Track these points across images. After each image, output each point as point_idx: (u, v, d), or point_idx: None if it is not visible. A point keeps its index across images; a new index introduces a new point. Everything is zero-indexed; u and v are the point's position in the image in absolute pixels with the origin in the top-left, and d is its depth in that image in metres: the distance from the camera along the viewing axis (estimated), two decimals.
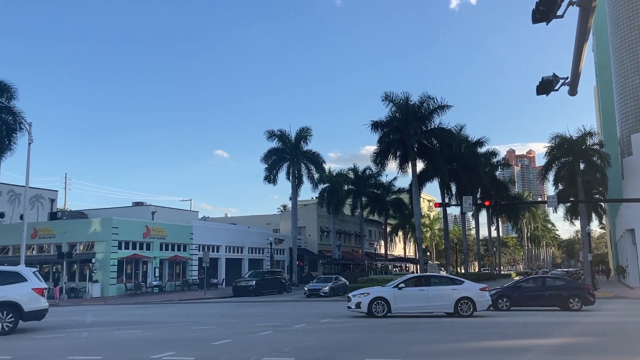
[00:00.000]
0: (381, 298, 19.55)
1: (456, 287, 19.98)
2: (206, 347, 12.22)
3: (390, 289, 19.99)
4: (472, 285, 20.78)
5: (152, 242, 45.19)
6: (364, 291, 20.45)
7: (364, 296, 19.84)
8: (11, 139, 39.16)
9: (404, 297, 19.60)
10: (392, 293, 19.69)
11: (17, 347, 12.84)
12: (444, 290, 19.86)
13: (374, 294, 19.87)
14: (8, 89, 39.52)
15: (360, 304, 19.68)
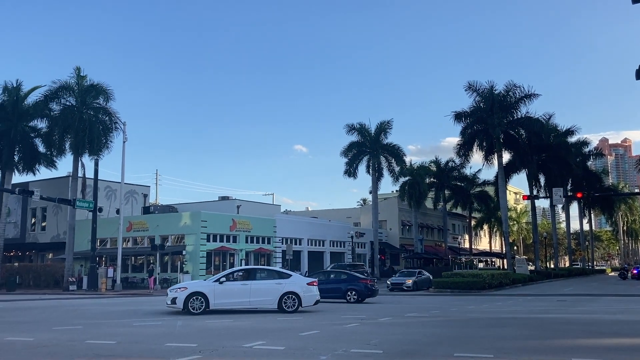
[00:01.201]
0: (199, 293, 18.22)
1: (282, 281, 19.00)
2: (294, 337, 12.46)
3: (210, 283, 18.86)
4: (299, 279, 19.89)
5: (238, 234, 46.65)
6: (181, 285, 19.11)
7: (181, 291, 18.38)
8: (108, 138, 41.62)
9: (225, 292, 18.40)
10: (212, 288, 18.44)
11: (118, 333, 13.67)
12: (269, 285, 18.85)
13: (192, 288, 18.52)
14: (104, 91, 42.02)
15: (175, 299, 18.19)
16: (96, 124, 40.48)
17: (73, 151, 41.05)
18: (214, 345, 11.36)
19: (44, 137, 43.31)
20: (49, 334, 13.53)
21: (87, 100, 41.28)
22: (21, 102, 42.53)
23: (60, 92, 41.25)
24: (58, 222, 49.82)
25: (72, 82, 41.40)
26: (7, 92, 42.36)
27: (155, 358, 9.92)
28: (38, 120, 43.15)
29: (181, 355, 10.09)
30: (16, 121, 41.49)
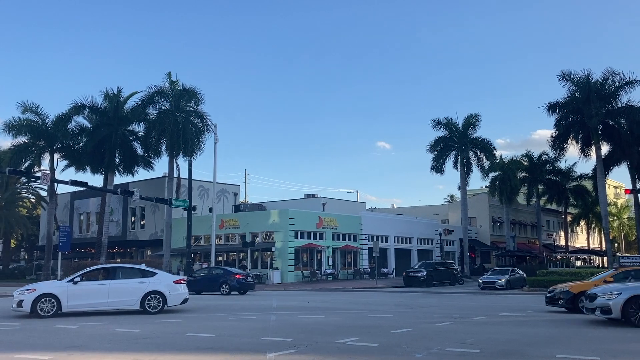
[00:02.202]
0: (49, 295, 16.61)
1: (145, 280, 17.68)
2: (387, 335, 12.38)
3: (64, 283, 17.26)
4: (165, 277, 18.49)
5: (324, 232, 47.10)
6: (29, 287, 17.17)
7: (28, 293, 16.58)
8: (200, 140, 43.34)
9: (80, 293, 16.87)
10: (65, 288, 16.85)
11: (216, 326, 14.19)
12: (130, 284, 17.50)
13: (41, 289, 16.84)
14: (195, 95, 43.79)
15: (22, 302, 16.48)
16: (189, 126, 42.25)
17: (168, 153, 43.12)
18: (308, 340, 11.52)
19: (142, 140, 45.80)
20: (153, 326, 14.28)
21: (180, 104, 43.19)
22: (121, 107, 45.25)
23: (155, 97, 43.44)
24: (156, 220, 52.58)
25: (166, 87, 43.46)
26: (108, 98, 45.20)
27: (253, 352, 10.19)
28: (136, 124, 45.72)
29: (277, 349, 10.31)
30: (117, 126, 44.18)
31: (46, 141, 45.53)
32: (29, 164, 46.36)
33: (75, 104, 44.66)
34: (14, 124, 44.92)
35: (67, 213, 59.64)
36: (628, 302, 13.50)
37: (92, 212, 57.68)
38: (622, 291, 13.84)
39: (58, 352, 10.19)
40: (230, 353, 10.08)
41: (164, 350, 10.44)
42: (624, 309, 13.51)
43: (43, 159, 46.86)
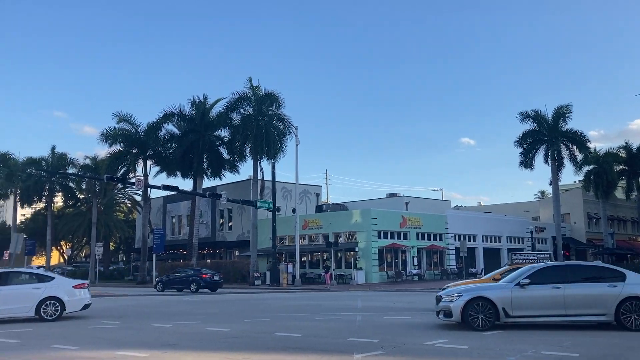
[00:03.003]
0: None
1: (41, 285, 16.32)
2: (477, 337, 11.92)
3: None
4: (64, 282, 16.95)
5: (408, 231, 46.44)
6: None
7: None
8: (282, 142, 44.12)
9: None
10: None
11: (303, 326, 14.27)
12: (24, 290, 16.18)
13: None
14: (276, 99, 44.64)
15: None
16: (271, 129, 43.10)
17: (252, 156, 44.22)
18: (395, 341, 11.32)
19: (227, 145, 47.29)
20: (242, 325, 14.60)
21: (262, 108, 44.15)
22: (207, 114, 46.97)
23: (239, 103, 44.69)
24: (242, 221, 54.03)
25: (248, 93, 44.60)
26: (195, 106, 47.06)
27: (340, 352, 10.13)
28: (221, 129, 47.30)
29: (364, 350, 10.19)
30: (203, 132, 45.86)
31: (139, 149, 48.13)
32: (124, 170, 49.23)
33: (165, 112, 46.98)
34: (110, 134, 47.89)
35: (160, 216, 62.61)
36: (468, 305, 12.60)
37: (183, 215, 60.18)
38: (463, 293, 13.02)
39: (154, 350, 10.61)
40: (317, 353, 10.07)
41: (253, 349, 10.61)
42: (463, 312, 12.61)
43: (137, 165, 49.64)
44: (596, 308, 12.32)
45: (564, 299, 12.29)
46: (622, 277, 12.60)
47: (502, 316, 12.46)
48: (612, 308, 12.21)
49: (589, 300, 12.32)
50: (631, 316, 12.17)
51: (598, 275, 12.94)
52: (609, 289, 12.33)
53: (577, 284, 12.54)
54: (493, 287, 13.31)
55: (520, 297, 12.46)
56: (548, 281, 12.66)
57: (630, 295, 12.24)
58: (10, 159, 59.70)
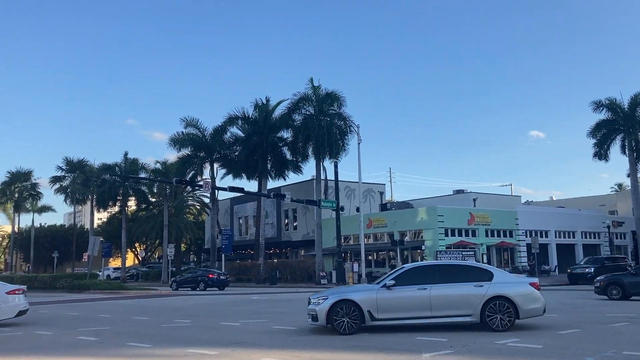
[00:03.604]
0: None
1: None
2: (552, 336, 11.43)
3: None
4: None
5: (476, 228, 45.30)
6: None
7: None
8: (344, 141, 44.07)
9: None
10: None
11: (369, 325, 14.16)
12: None
13: None
14: (337, 98, 44.63)
15: None
16: (333, 129, 43.15)
17: (315, 156, 44.43)
18: (464, 340, 11.02)
19: (290, 146, 47.78)
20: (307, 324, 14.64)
21: (323, 108, 44.28)
22: (269, 116, 47.63)
23: (300, 103, 45.02)
24: (307, 221, 54.44)
25: (309, 93, 44.84)
26: (258, 108, 47.83)
27: (407, 351, 9.97)
28: (284, 130, 47.83)
29: (432, 349, 9.98)
30: (267, 133, 46.55)
31: (206, 152, 49.47)
32: (193, 174, 50.77)
33: (229, 116, 48.05)
34: (178, 139, 49.52)
35: (227, 218, 64.08)
36: (333, 308, 12.17)
37: (250, 215, 61.31)
38: (329, 296, 12.59)
39: (223, 347, 10.81)
40: (384, 352, 9.95)
41: (320, 347, 10.61)
42: (328, 315, 12.17)
43: (204, 168, 51.08)
44: (462, 309, 12.04)
45: (430, 300, 12.01)
46: (490, 277, 12.28)
47: (368, 319, 12.14)
48: (477, 308, 11.93)
49: (455, 300, 12.04)
50: (496, 316, 11.88)
51: (466, 275, 12.44)
52: (475, 289, 12.03)
53: (444, 284, 12.21)
54: (359, 290, 12.92)
55: (386, 298, 12.14)
56: (415, 282, 12.30)
57: (496, 294, 11.94)
58: (87, 166, 62.76)
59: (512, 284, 12.25)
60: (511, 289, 12.06)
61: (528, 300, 12.09)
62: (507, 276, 12.76)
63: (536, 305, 12.18)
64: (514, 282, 12.40)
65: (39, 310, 21.44)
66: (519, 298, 11.98)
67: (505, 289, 12.02)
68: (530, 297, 12.14)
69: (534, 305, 12.15)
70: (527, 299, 12.09)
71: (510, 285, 12.18)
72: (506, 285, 12.14)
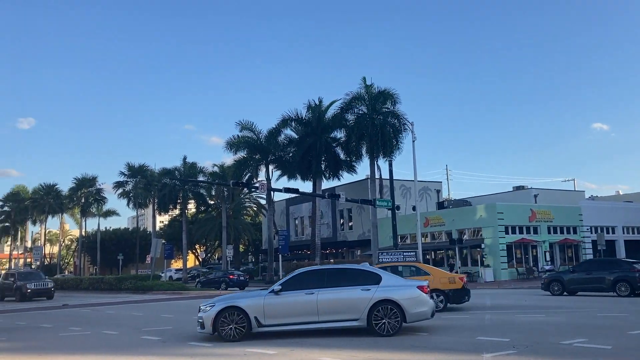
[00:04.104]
0: None
1: None
2: (622, 336, 10.94)
3: None
4: None
5: (538, 225, 43.87)
6: None
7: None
8: (398, 139, 43.57)
9: None
10: None
11: (427, 325, 13.93)
12: None
13: None
14: (391, 96, 44.18)
15: None
16: (386, 127, 42.75)
17: (369, 155, 44.17)
18: (527, 340, 10.69)
19: (343, 146, 47.69)
20: None
21: (376, 107, 43.96)
22: (322, 116, 47.74)
23: (353, 103, 44.87)
24: (362, 221, 54.22)
25: (362, 92, 44.59)
26: (311, 109, 48.03)
27: (468, 352, 9.75)
28: (337, 130, 47.79)
29: (494, 349, 9.72)
30: (320, 134, 46.67)
31: (261, 154, 50.16)
32: (249, 176, 51.59)
33: (283, 117, 48.48)
34: (234, 142, 50.45)
35: (283, 218, 64.71)
36: (220, 315, 11.92)
37: (305, 216, 61.67)
38: (216, 303, 12.28)
39: (282, 347, 10.90)
40: (444, 352, 9.78)
41: (378, 348, 10.52)
42: (215, 322, 11.91)
43: (260, 170, 51.79)
44: (349, 313, 11.79)
45: (317, 305, 11.78)
46: (378, 280, 12.03)
47: (255, 325, 11.90)
48: (364, 312, 11.67)
49: (342, 305, 11.80)
50: (383, 320, 11.64)
51: (355, 279, 12.16)
52: (362, 292, 11.79)
53: (332, 288, 11.96)
54: (246, 296, 12.58)
55: (273, 304, 11.93)
56: (303, 287, 12.05)
57: (383, 298, 11.68)
58: (148, 171, 64.86)
59: (400, 288, 12.01)
60: (398, 293, 11.81)
61: (415, 303, 11.81)
62: (396, 280, 12.50)
63: (423, 308, 11.91)
64: (401, 286, 12.14)
65: (106, 310, 22.34)
66: (406, 302, 11.73)
67: (392, 292, 11.78)
68: (417, 301, 11.86)
69: (421, 309, 11.88)
70: (414, 302, 11.82)
71: (398, 289, 11.93)
72: (393, 288, 11.89)
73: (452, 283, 17.42)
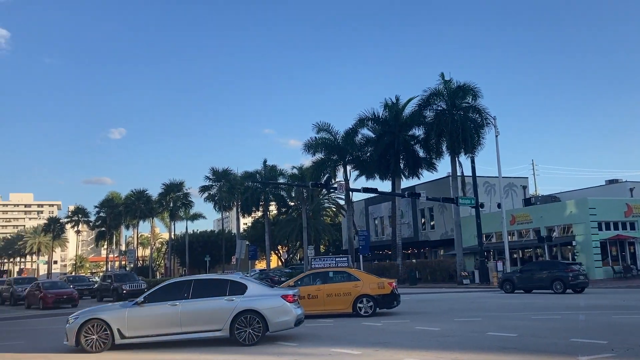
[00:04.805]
0: None
1: None
2: None
3: None
4: None
5: (635, 220, 41.17)
6: None
7: None
8: (479, 135, 42.29)
9: None
10: None
11: (518, 325, 13.44)
12: None
13: None
14: (471, 90, 42.98)
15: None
16: (467, 123, 41.63)
17: (449, 152, 43.18)
18: (627, 343, 10.04)
19: (422, 143, 46.92)
20: (452, 324, 14.24)
21: (456, 102, 42.93)
22: (400, 114, 47.22)
23: (431, 99, 44.05)
24: (444, 220, 53.08)
25: (440, 88, 43.68)
26: (388, 108, 47.64)
27: (561, 354, 9.29)
28: (415, 128, 47.09)
29: (590, 352, 9.21)
30: (398, 132, 46.19)
31: (338, 155, 50.37)
32: (327, 177, 51.97)
33: (359, 117, 48.41)
34: (311, 144, 51.02)
35: (363, 219, 64.56)
36: (83, 326, 11.88)
37: (385, 216, 61.22)
38: (80, 315, 12.25)
39: (366, 347, 10.87)
40: (535, 354, 9.37)
41: (465, 348, 10.26)
42: (78, 334, 11.82)
43: (337, 171, 52.02)
44: (212, 323, 11.84)
45: (180, 316, 11.81)
46: (243, 290, 12.11)
47: (117, 337, 11.85)
48: (227, 322, 11.75)
49: (205, 315, 11.85)
50: (246, 330, 11.73)
51: (220, 289, 12.16)
52: (226, 303, 11.88)
53: (197, 299, 11.99)
54: (110, 308, 12.69)
55: (135, 317, 11.93)
56: (167, 298, 12.08)
57: (246, 308, 11.78)
58: (231, 174, 66.87)
59: (263, 298, 12.05)
60: (261, 303, 11.89)
61: (277, 313, 11.89)
62: (262, 289, 12.45)
63: (286, 318, 11.97)
64: (265, 296, 12.17)
65: None
66: (268, 311, 11.81)
67: (255, 302, 11.87)
68: (280, 310, 11.93)
69: (284, 318, 11.95)
70: (277, 312, 11.89)
71: (261, 299, 11.99)
72: (257, 298, 11.97)
73: (381, 288, 17.39)
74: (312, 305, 16.76)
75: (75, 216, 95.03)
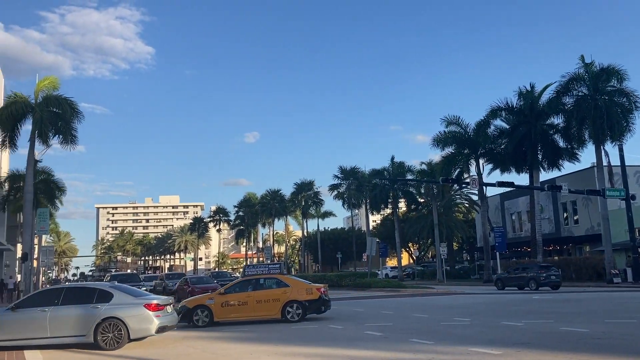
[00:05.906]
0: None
1: None
2: None
3: None
4: None
5: None
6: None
7: None
8: (628, 120, 38.64)
9: None
10: None
11: None
12: None
13: None
14: (617, 72, 39.37)
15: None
16: (613, 108, 38.22)
17: (593, 140, 39.90)
18: None
19: (562, 132, 43.83)
20: (602, 326, 13.16)
21: (599, 86, 39.59)
22: (536, 103, 44.46)
23: (570, 85, 40.97)
24: (590, 214, 49.14)
25: (580, 72, 40.49)
26: (522, 96, 45.07)
27: None
28: (553, 116, 44.06)
29: None
30: (534, 122, 43.54)
31: (470, 148, 48.66)
32: (458, 171, 50.52)
33: (491, 108, 46.36)
34: (440, 138, 49.80)
35: (498, 214, 61.82)
36: None
37: (522, 211, 58.13)
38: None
39: (507, 347, 10.39)
40: None
41: (617, 353, 9.41)
42: None
43: (469, 165, 50.32)
44: (77, 329, 12.46)
45: (48, 322, 12.47)
46: (109, 299, 12.75)
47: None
48: (91, 329, 12.37)
49: (71, 321, 12.49)
50: (108, 336, 12.37)
51: (88, 297, 12.85)
52: (92, 310, 12.54)
53: (66, 306, 12.66)
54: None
55: (7, 321, 12.63)
56: (39, 304, 12.80)
57: (109, 315, 12.42)
58: (358, 172, 67.53)
59: (126, 306, 12.66)
60: (123, 311, 12.52)
61: (138, 321, 12.51)
62: (126, 298, 12.92)
63: (147, 325, 12.56)
64: (128, 304, 12.73)
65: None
66: (130, 319, 12.44)
67: (117, 310, 12.51)
68: (142, 318, 12.55)
69: (145, 326, 12.56)
70: (138, 319, 12.51)
71: (124, 307, 12.61)
72: (120, 307, 12.59)
73: (310, 294, 17.29)
74: (242, 311, 17.10)
75: (217, 216, 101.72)
